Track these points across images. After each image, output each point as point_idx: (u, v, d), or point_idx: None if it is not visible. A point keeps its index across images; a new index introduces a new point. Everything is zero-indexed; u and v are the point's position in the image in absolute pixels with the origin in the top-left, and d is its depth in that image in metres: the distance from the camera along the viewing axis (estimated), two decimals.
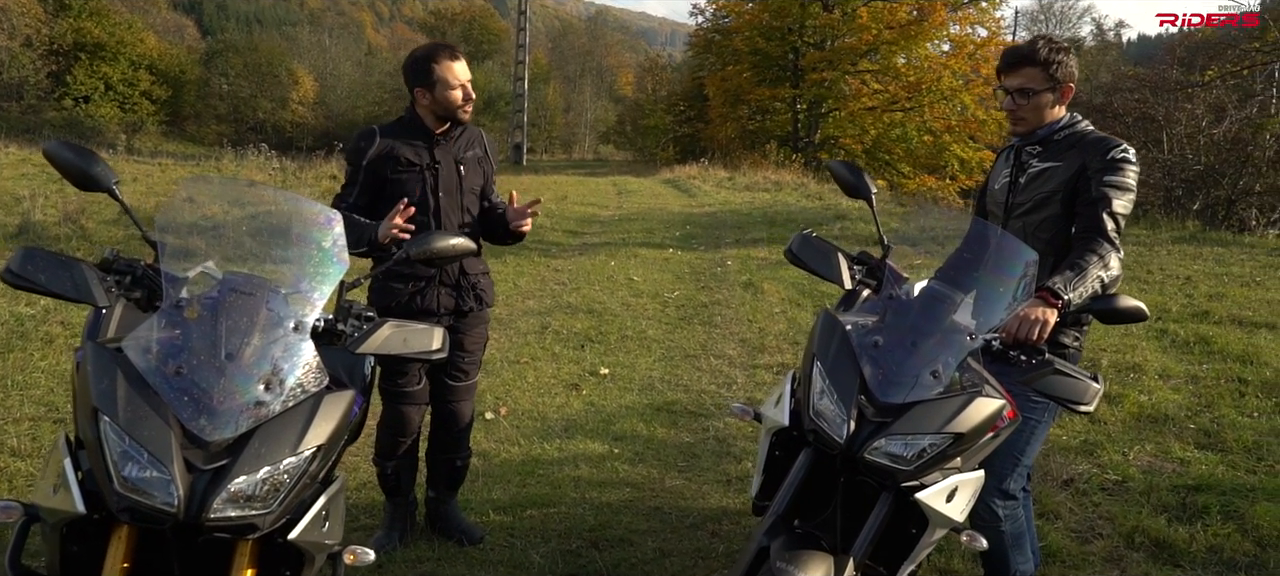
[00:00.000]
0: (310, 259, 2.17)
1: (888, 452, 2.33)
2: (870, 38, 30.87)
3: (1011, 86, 2.97)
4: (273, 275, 2.14)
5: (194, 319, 2.01)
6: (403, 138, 3.47)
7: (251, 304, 2.03)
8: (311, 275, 2.15)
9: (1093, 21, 67.99)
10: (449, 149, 3.54)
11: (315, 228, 2.20)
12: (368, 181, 3.42)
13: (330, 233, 2.20)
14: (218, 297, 2.04)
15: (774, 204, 16.66)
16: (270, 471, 1.90)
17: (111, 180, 2.22)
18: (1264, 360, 6.42)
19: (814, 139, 32.43)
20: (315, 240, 2.19)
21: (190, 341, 1.99)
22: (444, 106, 3.44)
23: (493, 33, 64.51)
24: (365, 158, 3.40)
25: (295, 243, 2.19)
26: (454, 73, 3.42)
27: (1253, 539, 3.95)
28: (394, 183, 3.41)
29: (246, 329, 2.01)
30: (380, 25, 78.92)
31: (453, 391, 3.71)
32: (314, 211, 2.23)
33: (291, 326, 2.06)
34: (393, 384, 3.57)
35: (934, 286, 2.51)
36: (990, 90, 30.79)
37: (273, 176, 18.28)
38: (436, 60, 3.41)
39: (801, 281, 9.26)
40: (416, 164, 3.45)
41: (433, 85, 3.41)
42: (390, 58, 54.47)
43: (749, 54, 33.68)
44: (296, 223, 2.22)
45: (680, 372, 6.38)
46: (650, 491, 4.42)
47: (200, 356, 1.97)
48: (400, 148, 3.43)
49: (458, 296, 3.58)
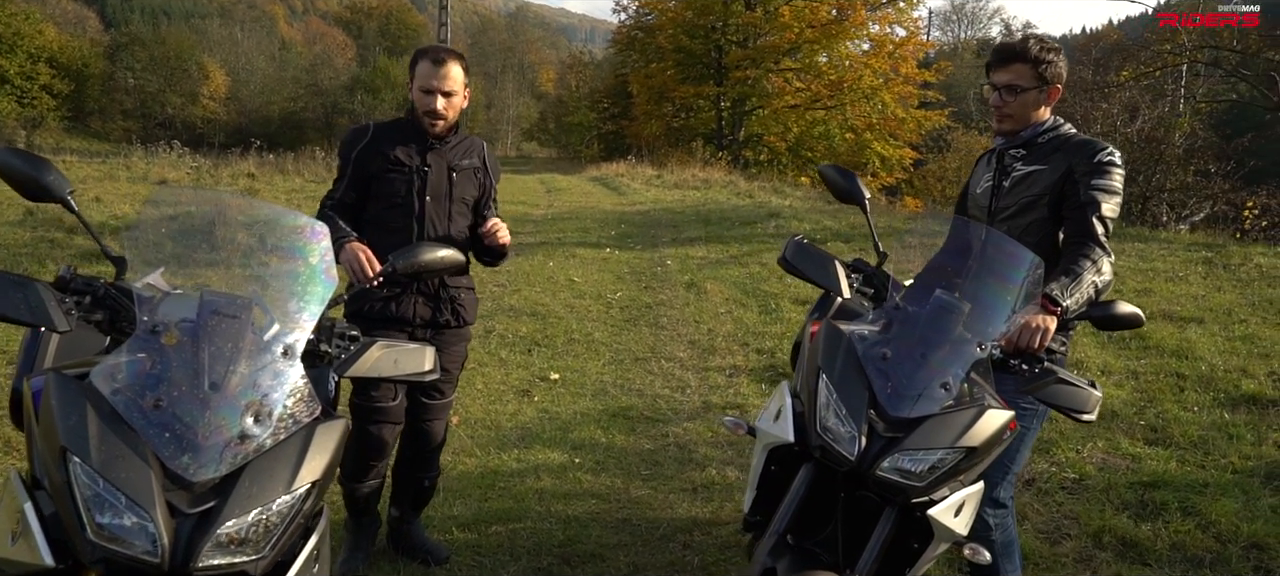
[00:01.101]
0: (297, 275, 1.99)
1: (900, 469, 2.26)
2: (792, 36, 31.18)
3: (1000, 82, 2.93)
4: (257, 294, 1.95)
5: (172, 345, 1.81)
6: (397, 136, 3.34)
7: (235, 327, 1.84)
8: (299, 293, 1.97)
9: (1002, 22, 69.90)
10: (443, 154, 3.38)
11: (301, 241, 2.03)
12: (356, 175, 3.31)
13: (317, 247, 2.03)
14: (197, 321, 1.85)
15: (706, 202, 16.65)
16: (262, 512, 1.73)
17: (65, 189, 2.03)
18: (1198, 355, 6.59)
19: (738, 136, 32.63)
20: (302, 255, 2.01)
21: (169, 370, 1.80)
22: (414, 107, 3.33)
23: (411, 27, 63.46)
24: (355, 150, 3.30)
25: (280, 258, 2.01)
26: (426, 75, 3.26)
27: (1212, 535, 4.02)
28: (382, 180, 3.29)
29: (231, 355, 1.83)
30: (293, 19, 76.85)
31: (428, 409, 3.52)
32: (299, 223, 2.05)
33: (280, 351, 1.88)
34: (366, 399, 3.35)
35: (941, 296, 2.44)
36: (910, 89, 31.46)
37: (188, 175, 17.61)
38: (419, 58, 3.32)
39: (744, 281, 9.24)
40: (406, 165, 3.31)
41: (412, 80, 3.32)
42: (305, 52, 53.12)
43: (673, 51, 33.74)
44: (281, 236, 2.04)
45: (632, 376, 6.28)
46: (616, 502, 4.31)
47: (181, 387, 1.78)
48: (392, 146, 3.30)
49: (435, 308, 3.40)
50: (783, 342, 6.95)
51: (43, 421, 1.75)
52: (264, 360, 1.86)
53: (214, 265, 1.99)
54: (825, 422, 2.33)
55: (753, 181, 22.02)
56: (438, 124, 3.30)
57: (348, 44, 58.38)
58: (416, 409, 3.50)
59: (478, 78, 56.63)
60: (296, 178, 19.47)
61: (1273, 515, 4.17)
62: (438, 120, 3.29)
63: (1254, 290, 8.57)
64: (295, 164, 21.91)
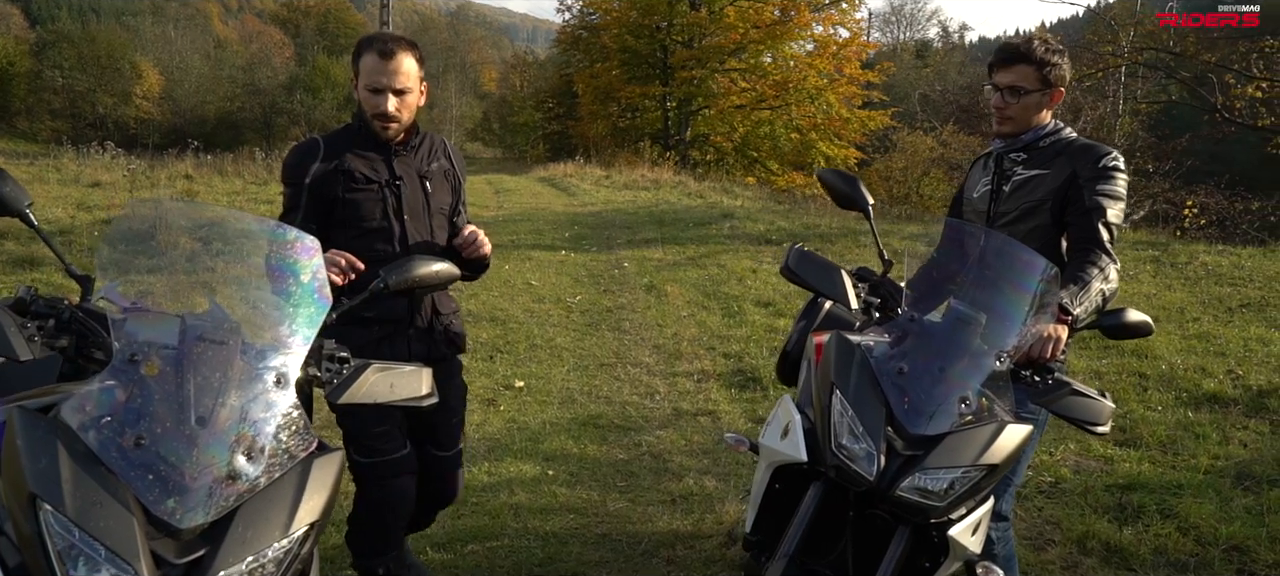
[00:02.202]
0: (289, 295, 1.80)
1: (921, 489, 2.17)
2: (737, 37, 31.26)
3: (1002, 83, 2.86)
4: (245, 317, 1.77)
5: (154, 375, 1.63)
6: (353, 148, 2.86)
7: (223, 354, 1.66)
8: (292, 315, 1.78)
9: (939, 24, 71.10)
10: (410, 161, 2.93)
11: (292, 257, 1.84)
12: (313, 204, 2.80)
13: (309, 263, 1.85)
14: (180, 348, 1.66)
15: (657, 203, 16.56)
16: (256, 560, 1.56)
17: (23, 202, 1.84)
18: (1157, 354, 6.67)
19: (685, 136, 32.64)
20: (293, 272, 1.83)
21: (151, 404, 1.60)
22: (361, 109, 2.84)
23: (350, 26, 62.46)
24: (308, 175, 2.80)
25: (270, 276, 1.82)
26: (373, 71, 2.75)
27: (1193, 538, 4.02)
28: (347, 203, 2.81)
29: (219, 385, 1.64)
30: (228, 17, 75.14)
31: (440, 463, 3.11)
32: (289, 237, 1.87)
33: (272, 379, 1.70)
34: (372, 454, 2.89)
35: (957, 307, 2.36)
36: (854, 90, 31.75)
37: (124, 177, 17.02)
38: (364, 49, 2.80)
39: (704, 283, 9.16)
40: (373, 180, 2.84)
41: (357, 75, 2.82)
42: (241, 51, 51.85)
43: (618, 51, 33.60)
44: (269, 251, 1.85)
45: (598, 383, 6.15)
46: (594, 516, 4.18)
47: (165, 423, 1.59)
48: (351, 160, 2.82)
49: (429, 343, 2.99)
50: (749, 346, 6.88)
51: (5, 464, 1.55)
52: (255, 389, 1.68)
53: (195, 285, 1.81)
54: (841, 441, 2.22)
55: (702, 181, 21.98)
56: (390, 127, 2.81)
57: (285, 43, 57.19)
58: (426, 464, 3.08)
59: None
60: (236, 180, 18.94)
61: (1248, 516, 4.19)
62: (389, 123, 2.80)
63: (1203, 288, 8.73)
64: (234, 165, 21.32)
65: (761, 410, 5.58)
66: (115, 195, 14.84)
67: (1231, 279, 9.09)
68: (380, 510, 2.96)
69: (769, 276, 9.39)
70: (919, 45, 63.38)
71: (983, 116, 16.99)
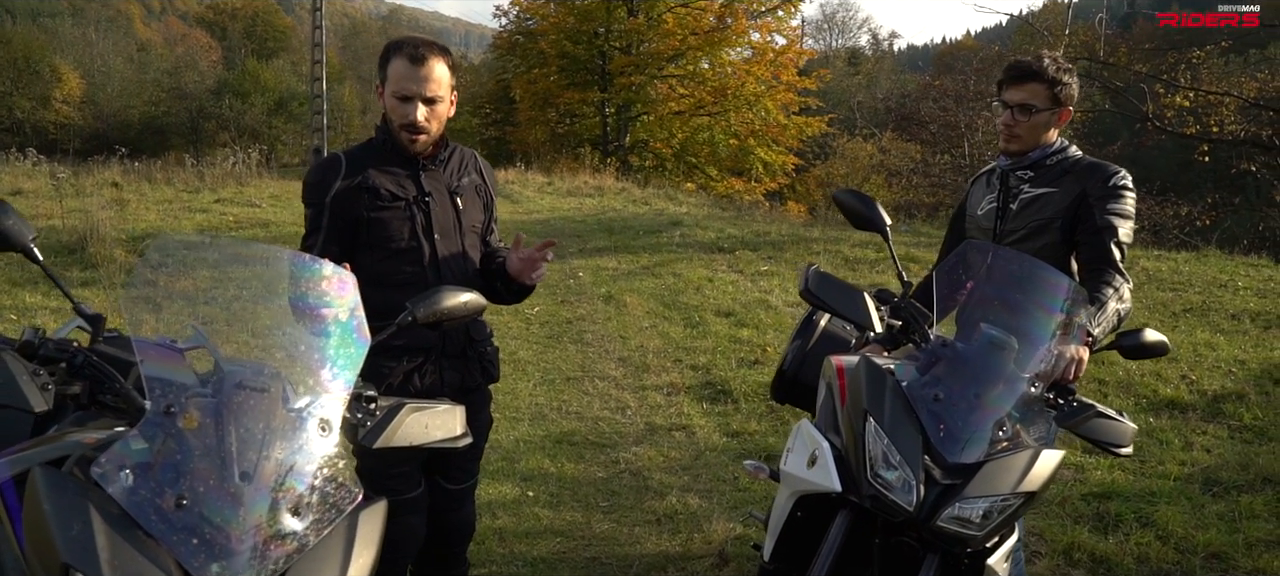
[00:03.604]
0: (329, 335, 1.68)
1: (961, 518, 2.14)
2: (676, 43, 31.34)
3: (1013, 101, 2.86)
4: (284, 360, 1.64)
5: (193, 428, 1.50)
6: (378, 163, 2.68)
7: (265, 402, 1.54)
8: (333, 357, 1.66)
9: (870, 31, 72.37)
10: (439, 176, 2.75)
11: (329, 293, 1.72)
12: (335, 225, 2.64)
13: (347, 300, 1.72)
14: (219, 397, 1.53)
15: (604, 210, 16.46)
16: None
17: (27, 236, 1.69)
18: (1111, 359, 6.79)
19: (624, 142, 32.61)
20: (332, 310, 1.70)
21: (191, 460, 1.48)
22: (389, 119, 2.67)
23: (278, 29, 61.13)
24: (329, 193, 2.63)
25: (308, 315, 1.69)
26: (402, 77, 2.58)
27: (1172, 546, 4.09)
28: (373, 223, 2.64)
29: (263, 437, 1.52)
30: (150, 19, 72.99)
31: (451, 497, 2.95)
32: (325, 272, 1.74)
33: (316, 427, 1.58)
34: (385, 492, 2.77)
35: (989, 331, 2.33)
36: (791, 96, 32.06)
37: (48, 185, 16.35)
38: (392, 54, 2.62)
39: (661, 293, 9.10)
40: (400, 197, 2.66)
41: (384, 83, 2.64)
42: (166, 54, 50.33)
43: (556, 57, 33.41)
44: (305, 288, 1.71)
45: (567, 398, 6.05)
46: (581, 539, 4.09)
47: (207, 480, 1.47)
48: (376, 176, 2.65)
49: (463, 370, 2.82)
50: (716, 358, 6.85)
51: (31, 529, 1.40)
52: (299, 439, 1.56)
53: (229, 327, 1.68)
54: (877, 470, 2.18)
55: (646, 188, 21.95)
56: (418, 140, 2.64)
57: (212, 46, 55.65)
58: (438, 497, 2.91)
59: (351, 82, 55.05)
60: (166, 188, 18.29)
61: (1222, 523, 4.28)
62: (418, 135, 2.63)
63: (1146, 293, 8.94)
64: (164, 172, 20.63)
65: (735, 424, 5.54)
66: (39, 204, 14.21)
67: (1172, 284, 9.34)
68: (387, 548, 2.83)
69: (726, 285, 9.38)
70: (850, 53, 64.37)
71: (923, 124, 17.32)
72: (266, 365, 1.61)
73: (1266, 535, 4.14)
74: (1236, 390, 6.08)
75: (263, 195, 17.37)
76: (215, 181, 19.32)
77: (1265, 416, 5.66)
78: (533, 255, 2.78)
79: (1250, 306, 8.38)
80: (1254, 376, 6.41)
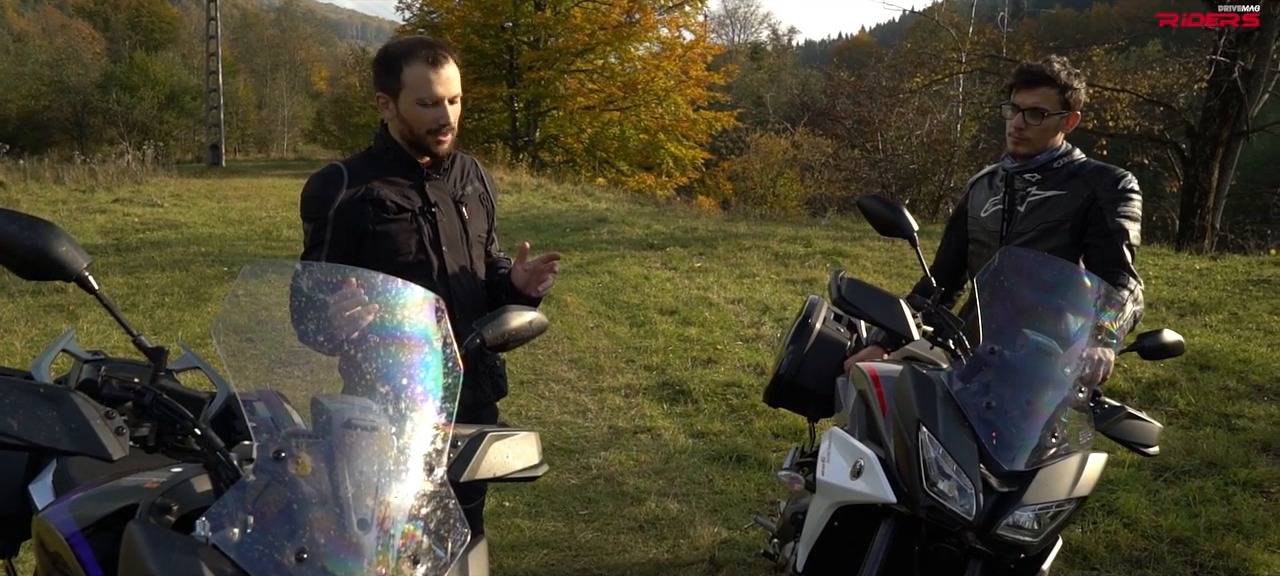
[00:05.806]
0: (428, 367, 1.56)
1: (1020, 525, 2.15)
2: (584, 38, 31.23)
3: (1025, 104, 2.89)
4: (388, 395, 1.51)
5: (306, 475, 1.38)
6: (380, 173, 2.59)
7: (375, 442, 1.42)
8: (433, 389, 1.55)
9: (770, 27, 73.47)
10: (444, 185, 2.67)
11: (424, 320, 1.60)
12: (340, 237, 2.52)
13: (440, 328, 1.61)
14: (329, 438, 1.42)
15: (525, 207, 16.27)
16: None
17: (81, 264, 1.53)
18: None
19: (534, 138, 32.37)
20: (427, 339, 1.59)
21: (307, 510, 1.36)
22: (408, 126, 2.56)
23: (165, 20, 58.56)
24: (333, 206, 2.51)
25: (407, 346, 1.56)
26: (424, 82, 2.48)
27: (1138, 533, 4.23)
28: (379, 236, 2.54)
29: (379, 480, 1.41)
30: (25, 9, 69.08)
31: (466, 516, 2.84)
32: (417, 298, 1.62)
33: (424, 465, 1.48)
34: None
35: (1034, 337, 2.35)
36: (700, 91, 32.31)
37: None
38: (406, 60, 2.51)
39: (600, 292, 9.04)
40: (406, 208, 2.58)
41: (397, 91, 2.53)
42: (45, 45, 47.61)
43: (463, 51, 32.88)
44: (400, 315, 1.59)
45: (524, 403, 5.95)
46: (567, 550, 4.02)
47: (327, 531, 1.35)
48: (380, 187, 2.56)
49: (474, 387, 2.70)
50: (669, 358, 6.82)
51: None
52: (412, 482, 1.45)
53: (325, 361, 1.55)
54: (936, 481, 2.18)
55: (562, 183, 21.81)
56: (444, 141, 2.58)
57: (95, 37, 52.92)
58: None
59: (245, 76, 53.25)
60: (57, 187, 17.37)
61: (1177, 508, 4.44)
62: (447, 135, 2.59)
63: None
64: (51, 169, 19.56)
65: (699, 425, 5.53)
66: None
67: None
68: None
69: (663, 282, 9.37)
70: (752, 48, 65.22)
71: (837, 120, 17.67)
72: (371, 403, 1.49)
73: (1223, 519, 4.32)
74: (1168, 377, 6.33)
75: (163, 194, 16.65)
76: (109, 179, 18.44)
77: (1198, 402, 5.91)
78: (538, 266, 2.68)
79: (1164, 295, 8.77)
80: (1181, 363, 6.68)
